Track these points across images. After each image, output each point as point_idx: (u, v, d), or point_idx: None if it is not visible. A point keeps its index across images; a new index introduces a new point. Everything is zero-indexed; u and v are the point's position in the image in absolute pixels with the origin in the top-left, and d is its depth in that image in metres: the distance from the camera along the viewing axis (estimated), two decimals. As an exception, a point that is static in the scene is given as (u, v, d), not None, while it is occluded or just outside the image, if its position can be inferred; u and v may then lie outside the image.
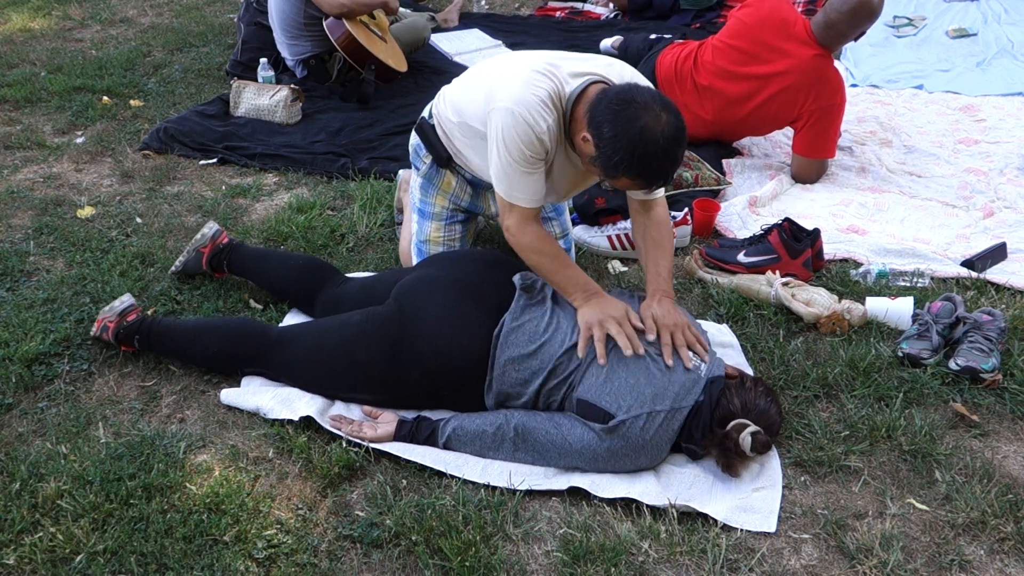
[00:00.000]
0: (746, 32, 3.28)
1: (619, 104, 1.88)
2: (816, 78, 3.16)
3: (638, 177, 1.93)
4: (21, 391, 2.19)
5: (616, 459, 1.90)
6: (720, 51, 3.33)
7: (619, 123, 1.87)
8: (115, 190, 3.24)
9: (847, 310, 2.43)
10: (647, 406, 1.87)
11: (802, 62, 3.16)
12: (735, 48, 3.29)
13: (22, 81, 4.19)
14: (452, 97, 2.28)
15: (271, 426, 2.07)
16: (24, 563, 1.73)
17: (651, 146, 1.86)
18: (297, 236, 2.88)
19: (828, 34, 3.15)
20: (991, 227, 2.99)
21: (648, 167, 1.90)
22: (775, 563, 1.76)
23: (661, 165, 1.90)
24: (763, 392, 1.97)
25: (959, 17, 5.12)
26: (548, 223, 2.55)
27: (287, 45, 4.10)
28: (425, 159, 2.41)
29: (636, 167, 1.90)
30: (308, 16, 3.96)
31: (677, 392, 1.90)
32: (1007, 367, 2.27)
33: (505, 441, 1.95)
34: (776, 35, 3.22)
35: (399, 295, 2.11)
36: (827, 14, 3.14)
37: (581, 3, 5.68)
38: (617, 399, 1.89)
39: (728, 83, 3.29)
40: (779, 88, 3.20)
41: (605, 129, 1.89)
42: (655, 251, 2.21)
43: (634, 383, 1.90)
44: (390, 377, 2.06)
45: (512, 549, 1.78)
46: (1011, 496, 1.90)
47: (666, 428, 1.89)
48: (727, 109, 3.33)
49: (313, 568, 1.73)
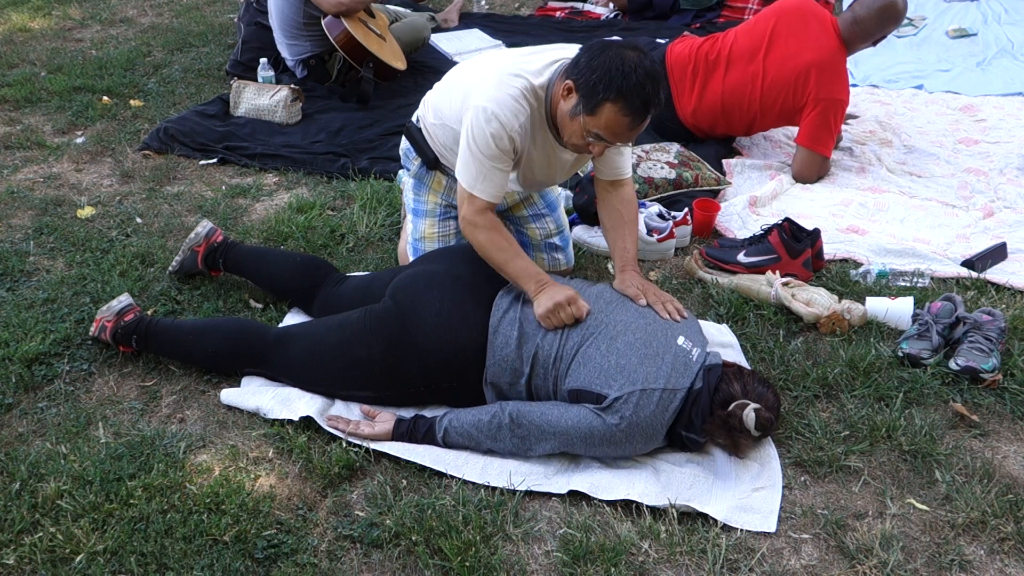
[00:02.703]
0: (772, 18, 3.34)
1: (596, 46, 2.02)
2: (832, 66, 3.20)
3: (620, 96, 1.95)
4: (21, 391, 2.19)
5: (612, 439, 1.89)
6: (743, 33, 3.39)
7: (595, 52, 1.99)
8: (115, 190, 3.24)
9: (847, 310, 2.43)
10: (639, 384, 1.88)
11: (822, 48, 3.20)
12: (759, 31, 3.34)
13: (22, 81, 4.19)
14: (433, 101, 2.34)
15: (271, 426, 2.07)
16: (24, 563, 1.73)
17: (629, 65, 1.94)
18: (297, 236, 2.88)
19: (853, 30, 3.20)
20: (991, 227, 2.99)
21: (628, 82, 1.93)
22: (775, 563, 1.76)
23: (642, 83, 1.94)
24: (760, 380, 1.99)
25: (959, 17, 5.13)
26: (542, 219, 2.56)
27: (287, 45, 4.10)
28: (415, 161, 2.47)
29: (616, 83, 1.93)
30: (307, 16, 3.96)
31: (669, 372, 1.90)
32: (1007, 367, 2.27)
33: (502, 428, 1.95)
34: (801, 24, 3.27)
35: (395, 292, 2.12)
36: (855, 11, 3.19)
37: (581, 3, 5.68)
38: (607, 380, 1.90)
39: (748, 63, 3.32)
40: (795, 66, 3.22)
41: (583, 60, 2.00)
42: (621, 228, 2.29)
43: (624, 364, 1.91)
44: (390, 373, 2.07)
45: (512, 549, 1.78)
46: (1011, 496, 1.90)
47: (661, 409, 1.88)
48: (744, 87, 3.32)
49: (313, 568, 1.73)
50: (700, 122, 3.45)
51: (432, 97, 2.36)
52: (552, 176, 2.33)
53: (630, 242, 2.27)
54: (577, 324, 2.01)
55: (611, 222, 2.32)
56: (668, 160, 3.14)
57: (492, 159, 2.09)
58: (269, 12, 4.10)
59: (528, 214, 2.57)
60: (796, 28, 3.27)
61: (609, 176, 2.32)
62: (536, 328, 2.02)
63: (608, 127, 2.00)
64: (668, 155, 3.17)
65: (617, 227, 2.29)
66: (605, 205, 2.35)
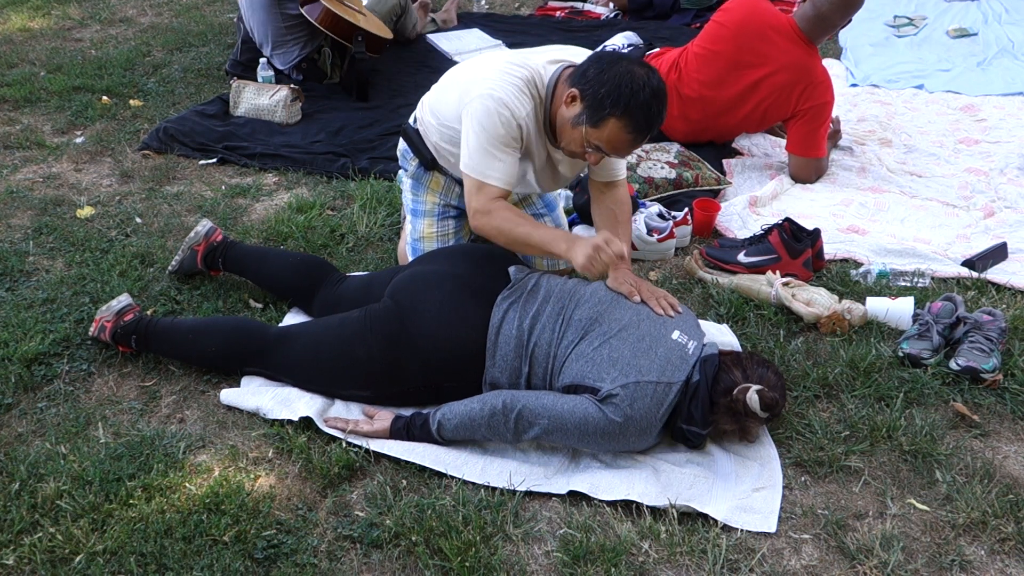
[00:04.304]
0: (728, 36, 3.25)
1: (605, 57, 1.99)
2: (806, 76, 3.16)
3: (625, 114, 1.94)
4: (21, 391, 2.19)
5: (607, 432, 1.88)
6: (704, 59, 3.29)
7: (604, 64, 1.97)
8: (115, 190, 3.24)
9: (847, 310, 2.42)
10: (632, 376, 1.87)
11: (791, 60, 3.16)
12: (719, 54, 3.25)
13: (22, 81, 4.18)
14: (430, 102, 2.34)
15: (271, 426, 2.07)
16: (24, 563, 1.72)
17: (638, 82, 1.93)
18: (297, 236, 2.88)
19: (818, 26, 3.15)
20: (991, 227, 2.99)
21: (635, 100, 1.92)
22: (775, 563, 1.76)
23: (648, 102, 1.93)
24: (760, 361, 1.98)
25: (959, 17, 5.12)
26: (540, 219, 2.57)
27: (277, 56, 4.13)
28: (412, 162, 2.47)
29: (624, 100, 1.93)
30: (286, 17, 4.00)
31: (663, 366, 1.90)
32: (1007, 367, 2.27)
33: (495, 414, 1.93)
34: (760, 36, 3.20)
35: (395, 292, 2.12)
36: (817, 8, 3.13)
37: (581, 3, 5.68)
38: (600, 373, 1.90)
39: (717, 91, 3.27)
40: (770, 90, 3.20)
41: (591, 71, 1.98)
42: (615, 228, 2.27)
43: (617, 357, 1.91)
44: (390, 372, 2.07)
45: (512, 549, 1.78)
46: (1012, 496, 1.89)
47: (656, 403, 1.88)
48: (719, 117, 3.33)
49: (313, 568, 1.73)
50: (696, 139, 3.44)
51: (429, 98, 2.35)
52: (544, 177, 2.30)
53: (624, 241, 2.26)
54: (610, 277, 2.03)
55: (605, 223, 2.32)
56: (668, 160, 3.14)
57: (504, 144, 2.06)
58: (248, 33, 4.16)
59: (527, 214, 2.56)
60: (757, 47, 3.19)
61: (603, 178, 2.32)
62: (535, 327, 2.02)
63: (610, 141, 2.00)
64: (668, 155, 3.17)
65: (611, 227, 2.29)
66: (599, 206, 2.35)
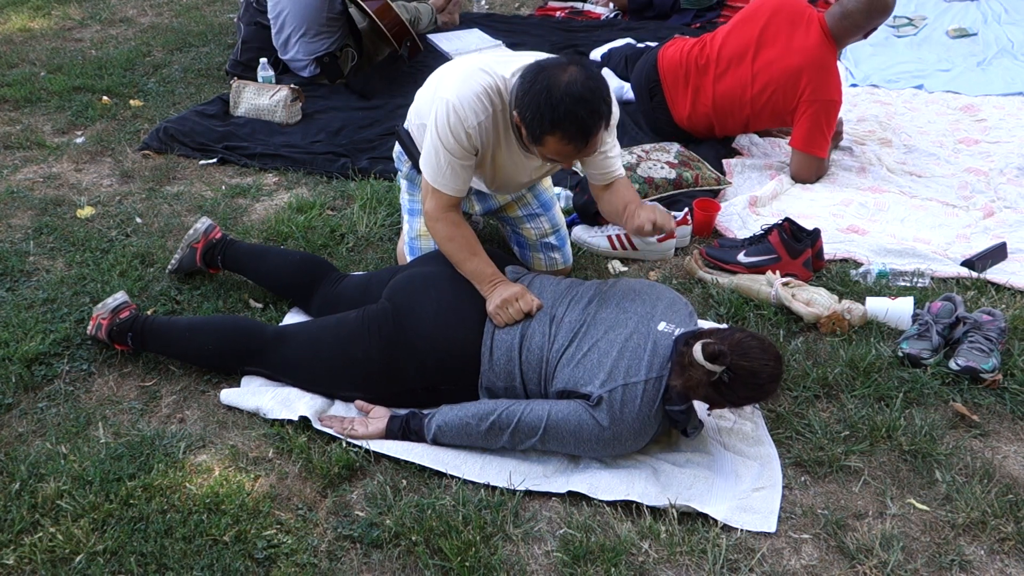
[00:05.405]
0: (759, 18, 3.32)
1: (529, 72, 1.97)
2: (821, 67, 3.18)
3: (555, 128, 1.93)
4: (21, 391, 2.19)
5: (600, 439, 1.88)
6: (731, 35, 3.37)
7: (527, 80, 1.95)
8: (115, 190, 3.24)
9: (847, 310, 2.42)
10: (619, 379, 1.87)
11: (810, 48, 3.19)
12: (747, 33, 3.32)
13: (22, 81, 4.18)
14: (416, 102, 2.37)
15: (271, 426, 2.07)
16: (24, 563, 1.73)
17: (557, 94, 1.90)
18: (297, 236, 2.88)
19: (843, 24, 3.17)
20: (991, 227, 2.99)
21: (558, 114, 1.91)
22: (775, 563, 1.76)
23: (572, 109, 1.90)
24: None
25: (959, 17, 5.12)
26: (536, 219, 2.57)
27: (305, 43, 4.08)
28: (406, 163, 2.48)
29: (548, 117, 1.91)
30: (333, 8, 3.99)
31: (650, 360, 1.89)
32: (1007, 367, 2.27)
33: (492, 426, 1.94)
34: (789, 21, 3.26)
35: (392, 293, 2.13)
36: (844, 5, 3.17)
37: (581, 3, 5.68)
38: (589, 377, 1.90)
39: (738, 67, 3.31)
40: (781, 71, 3.21)
41: (519, 91, 1.97)
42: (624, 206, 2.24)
43: (605, 360, 1.90)
44: (387, 373, 2.07)
45: (512, 549, 1.78)
46: (1011, 496, 1.90)
47: (647, 402, 1.87)
48: (735, 91, 3.33)
49: (313, 568, 1.73)
50: (695, 126, 3.48)
51: (416, 99, 2.37)
52: (519, 178, 2.31)
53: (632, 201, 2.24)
54: (528, 319, 2.02)
55: (616, 208, 2.28)
56: (668, 160, 3.14)
57: (453, 153, 2.08)
58: (280, 14, 4.06)
59: (522, 214, 2.57)
60: (784, 29, 3.26)
61: (602, 180, 2.31)
62: (528, 331, 2.01)
63: (558, 154, 2.00)
64: (668, 155, 3.17)
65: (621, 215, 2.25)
66: (605, 203, 2.34)
